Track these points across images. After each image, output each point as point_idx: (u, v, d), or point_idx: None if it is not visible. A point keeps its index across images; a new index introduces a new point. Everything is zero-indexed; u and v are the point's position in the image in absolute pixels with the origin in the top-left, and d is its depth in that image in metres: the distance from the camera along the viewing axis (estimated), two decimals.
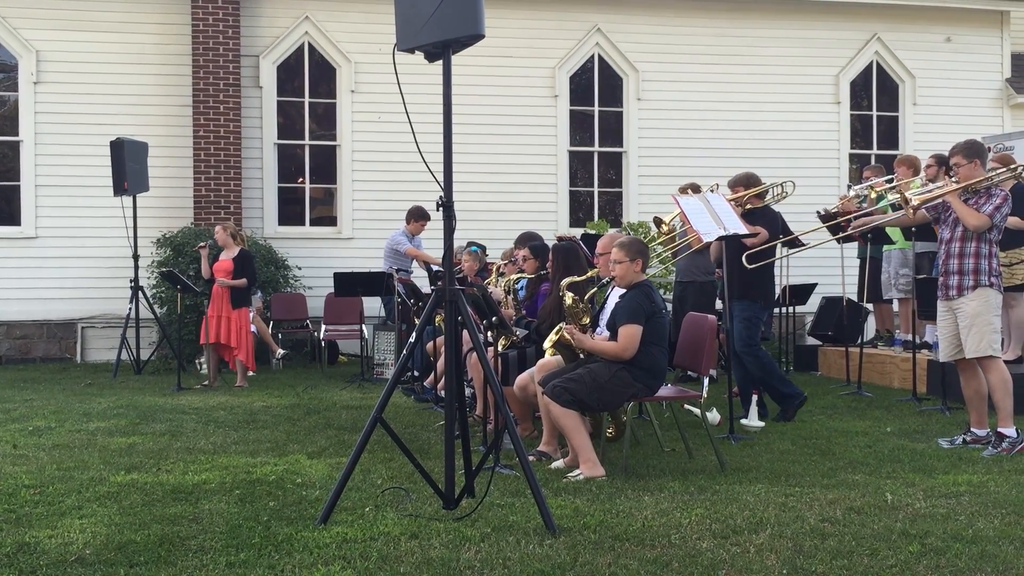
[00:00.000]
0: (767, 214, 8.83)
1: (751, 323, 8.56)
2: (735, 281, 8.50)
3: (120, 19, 13.64)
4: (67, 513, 5.30)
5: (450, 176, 5.19)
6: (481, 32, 5.01)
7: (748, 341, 8.54)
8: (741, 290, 8.54)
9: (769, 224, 8.63)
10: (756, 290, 8.56)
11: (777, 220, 8.91)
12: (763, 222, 8.59)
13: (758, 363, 8.54)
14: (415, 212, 12.52)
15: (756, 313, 8.60)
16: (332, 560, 4.40)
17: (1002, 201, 6.92)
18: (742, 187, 8.84)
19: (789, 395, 8.53)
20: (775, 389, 8.56)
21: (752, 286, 8.53)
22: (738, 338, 8.55)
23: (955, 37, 15.48)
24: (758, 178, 8.97)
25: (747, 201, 8.80)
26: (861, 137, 15.69)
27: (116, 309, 13.24)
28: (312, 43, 14.21)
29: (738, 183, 8.90)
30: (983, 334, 6.88)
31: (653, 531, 4.85)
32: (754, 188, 8.85)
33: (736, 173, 9.09)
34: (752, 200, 8.84)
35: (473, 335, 5.27)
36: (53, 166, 13.51)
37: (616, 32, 14.76)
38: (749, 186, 8.85)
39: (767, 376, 8.54)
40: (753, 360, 8.53)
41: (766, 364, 8.58)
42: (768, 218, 8.74)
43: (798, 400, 8.50)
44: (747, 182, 8.88)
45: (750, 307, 8.55)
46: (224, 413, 8.94)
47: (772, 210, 9.03)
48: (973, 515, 5.13)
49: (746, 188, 8.83)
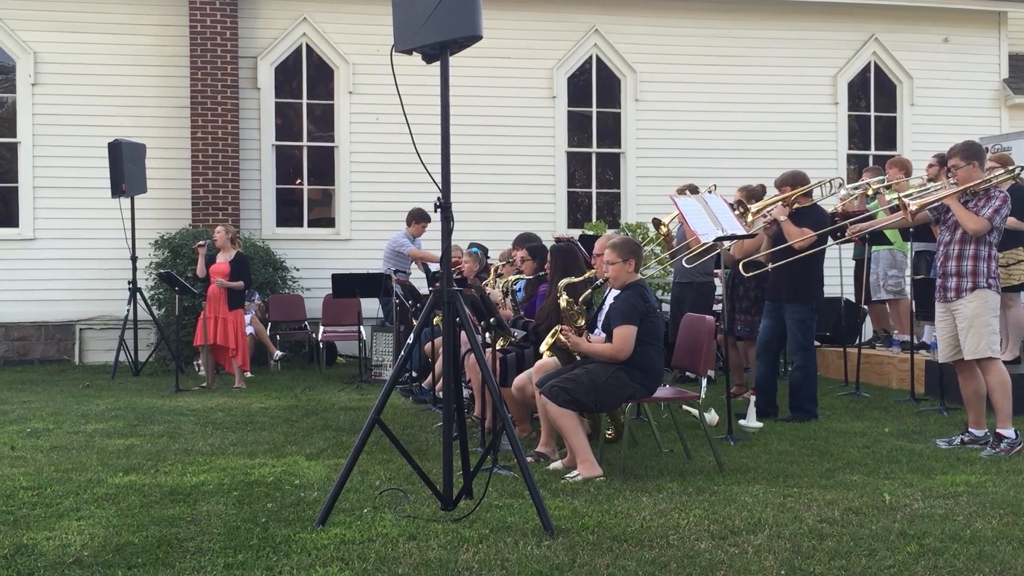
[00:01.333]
0: (814, 213, 8.64)
1: (804, 324, 8.51)
2: (783, 284, 8.47)
3: (118, 21, 13.63)
4: (65, 515, 5.29)
5: (448, 177, 5.19)
6: (479, 33, 5.01)
7: (803, 344, 8.50)
8: (790, 293, 8.51)
9: (816, 224, 8.49)
10: (806, 292, 8.51)
11: (826, 219, 8.69)
12: (810, 222, 8.47)
13: (804, 369, 8.50)
14: (416, 214, 12.52)
15: (807, 315, 8.54)
16: (330, 561, 4.40)
17: (1001, 203, 6.90)
18: (788, 186, 8.65)
19: (807, 411, 8.51)
20: (799, 399, 8.53)
21: (801, 288, 8.48)
22: (792, 340, 8.52)
23: (953, 38, 15.49)
24: (805, 176, 8.74)
25: (795, 200, 8.60)
26: (859, 138, 15.70)
27: (114, 311, 13.22)
28: (310, 44, 14.21)
29: (784, 182, 8.70)
30: (981, 336, 6.87)
31: (651, 532, 4.85)
32: (801, 187, 8.64)
33: (782, 173, 8.87)
34: (800, 199, 8.63)
35: (471, 336, 5.27)
36: (51, 168, 13.50)
37: (614, 33, 14.77)
38: (796, 185, 8.64)
39: (804, 384, 8.50)
40: (802, 364, 8.49)
41: (810, 374, 8.54)
42: (815, 217, 8.57)
43: (810, 419, 8.47)
44: (793, 181, 8.66)
45: (800, 310, 8.50)
46: (222, 415, 8.94)
47: (820, 208, 8.82)
48: (971, 516, 5.14)
49: (792, 187, 8.63)
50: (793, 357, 8.65)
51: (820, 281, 8.72)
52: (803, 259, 8.41)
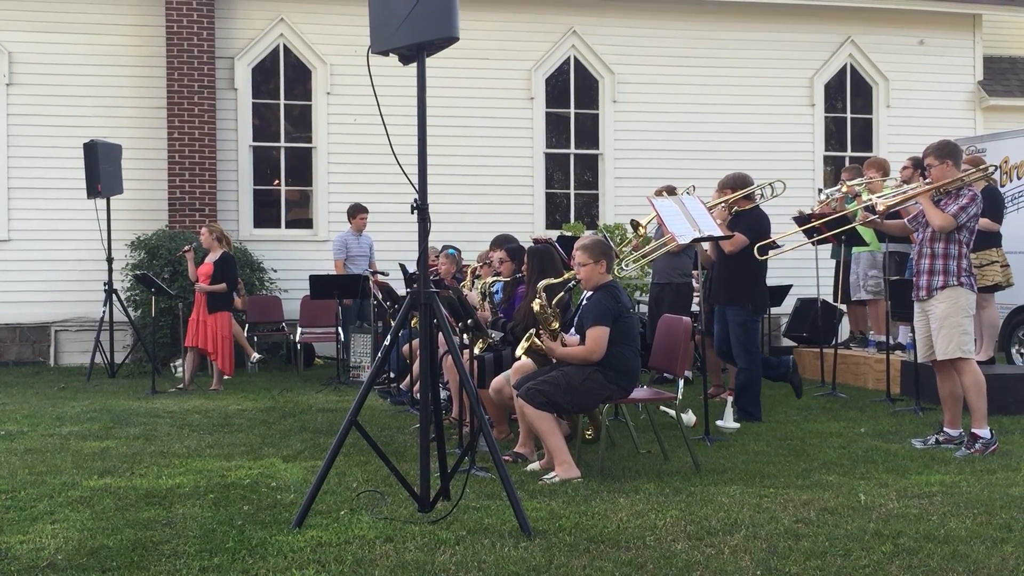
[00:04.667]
0: (749, 217, 8.64)
1: (746, 327, 8.52)
2: (721, 288, 8.48)
3: (93, 21, 13.55)
4: (39, 518, 5.26)
5: (425, 179, 5.19)
6: (455, 35, 5.01)
7: (746, 346, 8.51)
8: (727, 296, 8.53)
9: (750, 227, 8.50)
10: (742, 294, 8.52)
11: (763, 222, 8.67)
12: (743, 226, 8.49)
13: (748, 372, 8.52)
14: (352, 209, 12.86)
15: (747, 318, 8.55)
16: (306, 564, 4.39)
17: (968, 201, 6.93)
18: (729, 189, 8.70)
19: (750, 413, 8.52)
20: (744, 402, 8.55)
21: (737, 291, 8.51)
22: (735, 343, 8.53)
23: (928, 40, 15.59)
24: (747, 179, 8.76)
25: (734, 203, 8.66)
26: (835, 139, 15.77)
27: (90, 312, 13.14)
28: (287, 45, 14.16)
29: (725, 185, 8.76)
30: (952, 336, 6.91)
31: (628, 533, 4.86)
32: (741, 190, 8.68)
33: (725, 175, 8.93)
34: (740, 202, 8.68)
35: (448, 338, 5.27)
36: (25, 168, 13.40)
37: (592, 35, 14.79)
38: (736, 188, 8.69)
39: (746, 388, 8.54)
40: (746, 367, 8.51)
41: (754, 377, 8.55)
42: (750, 221, 8.58)
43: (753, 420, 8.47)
44: (734, 184, 8.71)
45: (739, 312, 8.53)
46: (199, 416, 8.90)
47: (760, 212, 8.78)
48: (945, 515, 5.17)
49: (733, 190, 8.69)
50: (736, 360, 8.64)
51: (759, 284, 8.66)
52: (739, 263, 8.43)
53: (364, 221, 12.78)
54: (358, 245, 12.79)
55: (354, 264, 12.56)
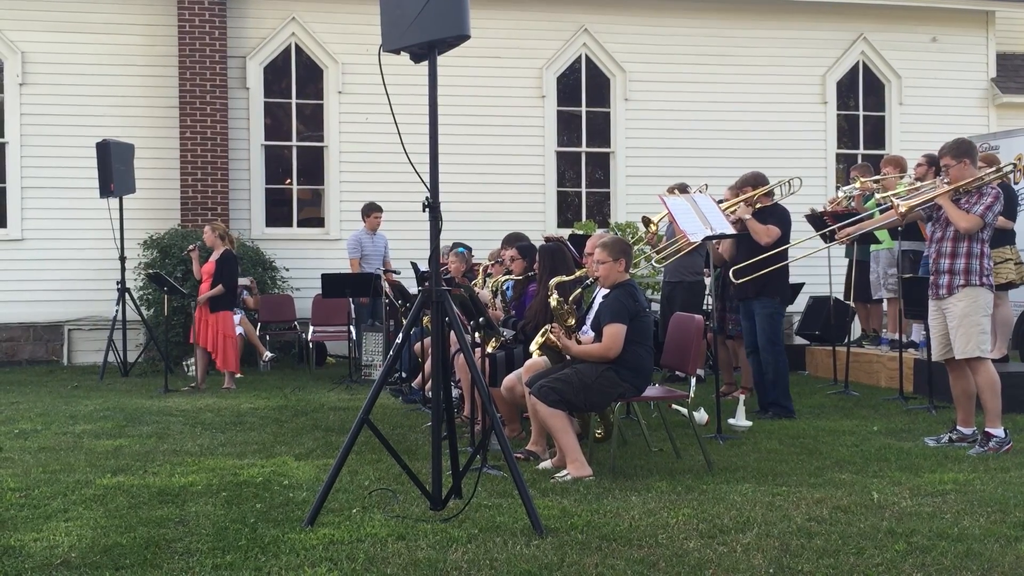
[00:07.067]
0: (777, 211, 8.78)
1: (773, 319, 8.60)
2: (748, 281, 8.51)
3: (106, 20, 13.59)
4: (52, 516, 5.28)
5: (436, 177, 5.19)
6: (467, 33, 5.00)
7: (772, 338, 8.59)
8: (756, 289, 8.56)
9: (781, 221, 8.62)
10: (772, 286, 8.60)
11: (788, 217, 8.82)
12: (774, 219, 8.60)
13: (775, 364, 8.57)
14: (366, 208, 12.77)
15: (776, 309, 8.64)
16: (319, 562, 4.39)
17: (993, 200, 6.87)
18: (750, 187, 8.85)
19: (783, 406, 8.55)
20: (776, 395, 8.56)
21: (768, 283, 8.56)
22: (761, 334, 8.59)
23: (941, 37, 15.53)
24: (764, 177, 8.96)
25: (757, 200, 8.79)
26: (848, 137, 15.73)
27: (103, 311, 13.19)
28: (299, 44, 14.18)
29: (745, 183, 8.91)
30: (970, 335, 6.87)
31: (640, 531, 4.85)
32: (762, 187, 8.84)
33: (741, 174, 9.08)
34: (762, 199, 8.82)
35: (460, 336, 5.27)
36: (39, 168, 13.45)
37: (603, 32, 14.77)
38: (757, 185, 8.85)
39: (776, 380, 8.56)
40: (772, 359, 8.56)
41: (781, 368, 8.61)
42: (779, 215, 8.71)
43: (785, 415, 8.51)
44: (754, 182, 8.88)
45: (769, 303, 8.60)
46: (211, 415, 8.92)
47: (782, 207, 8.94)
48: (959, 513, 5.15)
49: (754, 188, 8.82)
50: (763, 354, 8.67)
51: (786, 277, 8.81)
52: (769, 256, 8.49)
53: (379, 220, 12.75)
54: (372, 244, 12.78)
55: (368, 263, 12.57)
